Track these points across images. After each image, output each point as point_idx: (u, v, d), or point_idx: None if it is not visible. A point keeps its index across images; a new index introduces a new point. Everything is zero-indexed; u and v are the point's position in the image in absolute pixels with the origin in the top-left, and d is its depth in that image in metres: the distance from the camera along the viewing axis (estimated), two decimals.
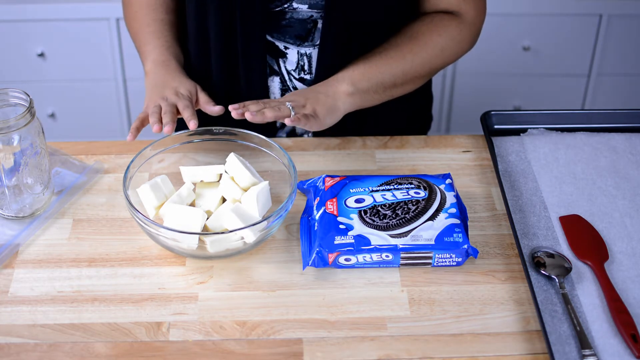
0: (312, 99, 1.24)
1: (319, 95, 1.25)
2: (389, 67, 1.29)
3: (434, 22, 1.33)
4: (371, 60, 1.29)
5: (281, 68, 1.35)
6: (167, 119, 1.21)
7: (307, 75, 1.35)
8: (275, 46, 1.33)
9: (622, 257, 1.14)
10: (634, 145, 1.34)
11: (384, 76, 1.29)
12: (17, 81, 2.52)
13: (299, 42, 1.32)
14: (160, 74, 1.31)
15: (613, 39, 2.51)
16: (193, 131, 1.24)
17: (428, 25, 1.33)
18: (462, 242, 1.12)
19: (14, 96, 1.16)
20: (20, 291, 1.11)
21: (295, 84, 1.36)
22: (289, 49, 1.33)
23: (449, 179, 1.21)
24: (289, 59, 1.34)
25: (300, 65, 1.34)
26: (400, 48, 1.31)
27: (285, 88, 1.37)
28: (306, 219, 1.19)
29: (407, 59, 1.30)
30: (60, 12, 2.42)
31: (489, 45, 2.49)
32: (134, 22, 1.39)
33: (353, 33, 1.31)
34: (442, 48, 1.33)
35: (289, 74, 1.35)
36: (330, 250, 1.11)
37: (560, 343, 1.02)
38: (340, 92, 1.26)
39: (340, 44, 1.31)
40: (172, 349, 1.03)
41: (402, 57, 1.30)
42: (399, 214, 1.15)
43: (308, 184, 1.24)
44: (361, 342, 1.04)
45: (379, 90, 1.30)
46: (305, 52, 1.33)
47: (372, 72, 1.29)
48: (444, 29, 1.32)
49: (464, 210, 1.19)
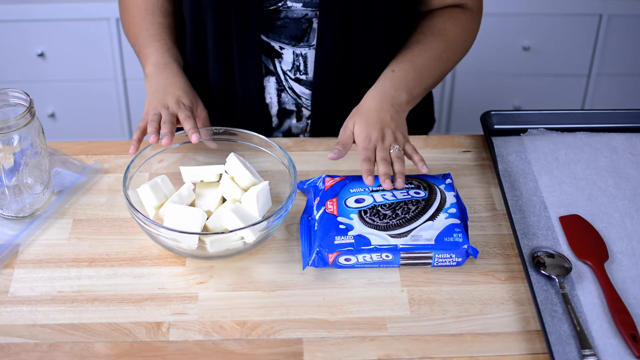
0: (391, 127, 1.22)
1: (393, 116, 1.23)
2: (432, 69, 1.30)
3: (453, 17, 1.34)
4: (418, 63, 1.29)
5: (277, 68, 1.35)
6: (165, 130, 1.21)
7: (302, 76, 1.35)
8: (271, 46, 1.33)
9: (622, 257, 1.14)
10: (634, 145, 1.34)
11: (430, 80, 1.31)
12: (17, 81, 2.52)
13: (294, 43, 1.32)
14: (162, 77, 1.31)
15: (613, 39, 2.51)
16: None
17: (449, 20, 1.34)
18: (462, 242, 1.12)
19: (14, 96, 1.16)
20: (20, 291, 1.11)
21: (291, 84, 1.36)
22: (284, 49, 1.33)
23: (449, 179, 1.21)
24: (284, 59, 1.34)
25: (296, 65, 1.34)
26: (434, 48, 1.31)
27: (281, 88, 1.36)
28: (306, 219, 1.19)
29: (442, 59, 1.32)
30: (60, 12, 2.42)
31: (489, 45, 2.49)
32: (133, 27, 1.39)
33: (349, 31, 1.30)
34: (464, 40, 1.36)
35: (284, 74, 1.35)
36: (330, 250, 1.11)
37: (560, 343, 1.02)
38: (403, 104, 1.26)
39: (337, 43, 1.31)
40: (172, 349, 1.03)
41: (438, 57, 1.31)
42: (399, 214, 1.15)
43: (308, 184, 1.24)
44: (361, 342, 1.04)
45: (424, 93, 1.31)
46: (300, 52, 1.33)
47: (423, 77, 1.29)
48: (463, 22, 1.35)
49: (464, 210, 1.19)
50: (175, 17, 1.41)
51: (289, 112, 1.40)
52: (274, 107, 1.39)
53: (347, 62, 1.33)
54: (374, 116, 1.22)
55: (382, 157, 1.18)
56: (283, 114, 1.40)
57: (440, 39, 1.32)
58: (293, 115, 1.40)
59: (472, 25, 1.37)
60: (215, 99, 1.39)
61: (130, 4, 1.40)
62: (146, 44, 1.36)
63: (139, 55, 1.38)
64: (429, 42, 1.32)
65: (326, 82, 1.34)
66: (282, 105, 1.38)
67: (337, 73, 1.34)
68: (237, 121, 1.39)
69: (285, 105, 1.38)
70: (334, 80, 1.35)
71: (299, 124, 1.41)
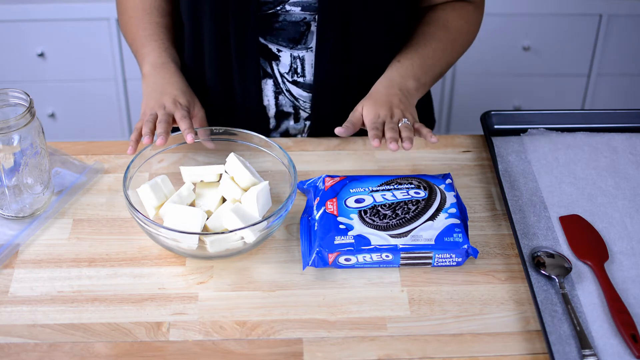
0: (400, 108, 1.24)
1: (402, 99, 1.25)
2: (439, 59, 1.32)
3: (456, 9, 1.36)
4: (423, 53, 1.31)
5: (274, 71, 1.35)
6: (160, 129, 1.20)
7: (300, 78, 1.35)
8: (269, 49, 1.33)
9: (622, 257, 1.14)
10: (634, 145, 1.34)
11: (436, 68, 1.32)
12: (17, 81, 2.52)
13: (292, 45, 1.32)
14: (159, 77, 1.31)
15: (613, 39, 2.51)
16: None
17: (453, 12, 1.36)
18: (462, 242, 1.12)
19: (14, 96, 1.16)
20: (20, 291, 1.11)
21: (288, 86, 1.36)
22: (282, 52, 1.33)
23: (449, 179, 1.21)
24: (282, 61, 1.34)
25: (294, 68, 1.34)
26: (439, 39, 1.33)
27: (279, 91, 1.36)
28: (306, 219, 1.19)
29: (448, 50, 1.33)
30: (60, 12, 2.42)
31: (489, 45, 2.49)
32: (130, 27, 1.39)
33: (349, 31, 1.30)
34: (468, 32, 1.37)
35: (282, 77, 1.35)
36: (330, 250, 1.11)
37: (560, 343, 1.02)
38: (412, 90, 1.27)
39: (337, 44, 1.31)
40: (172, 349, 1.03)
41: (444, 48, 1.33)
42: (399, 214, 1.15)
43: (308, 184, 1.24)
44: (361, 342, 1.04)
45: (432, 82, 1.33)
46: (298, 54, 1.33)
47: (430, 65, 1.31)
48: (467, 14, 1.36)
49: (464, 210, 1.19)
50: (173, 18, 1.41)
51: (287, 114, 1.40)
52: (272, 109, 1.39)
53: (346, 64, 1.33)
54: (383, 98, 1.24)
55: (390, 127, 1.19)
56: (281, 115, 1.40)
57: (444, 30, 1.34)
58: (291, 117, 1.40)
59: (475, 17, 1.38)
60: (212, 100, 1.39)
61: (128, 4, 1.40)
62: (143, 43, 1.36)
63: (136, 55, 1.38)
64: (434, 33, 1.33)
65: (326, 84, 1.34)
66: (280, 107, 1.38)
67: (336, 75, 1.34)
68: (236, 122, 1.39)
69: (282, 108, 1.38)
70: (334, 82, 1.35)
71: (296, 126, 1.41)
